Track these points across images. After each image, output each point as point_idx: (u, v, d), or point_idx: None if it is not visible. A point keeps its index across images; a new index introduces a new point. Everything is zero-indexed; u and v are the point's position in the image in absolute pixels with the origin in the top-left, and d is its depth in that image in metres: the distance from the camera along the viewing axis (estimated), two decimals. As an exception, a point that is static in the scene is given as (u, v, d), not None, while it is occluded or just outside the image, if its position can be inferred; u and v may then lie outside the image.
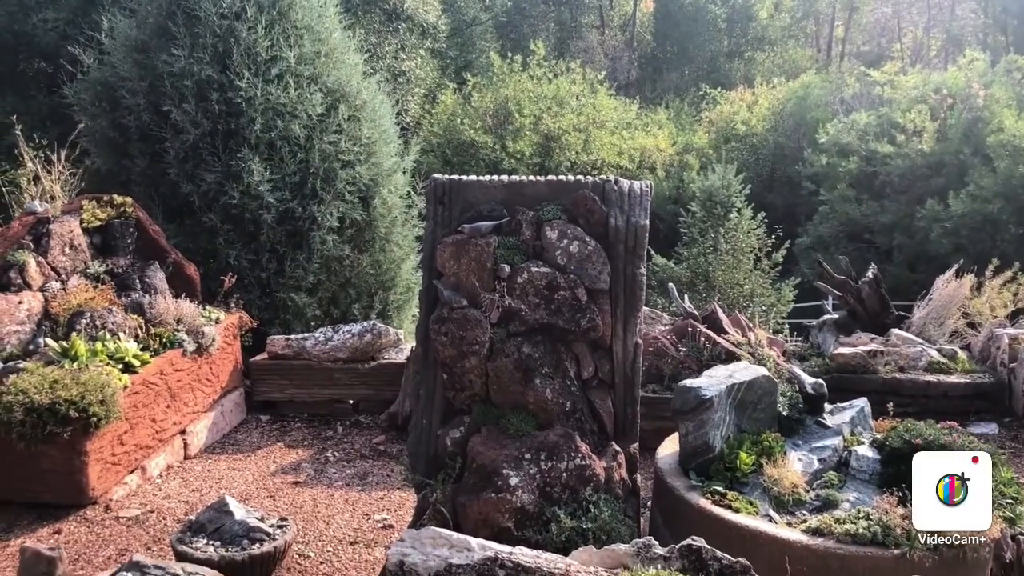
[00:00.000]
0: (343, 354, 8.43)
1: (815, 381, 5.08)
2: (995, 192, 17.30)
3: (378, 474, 7.24)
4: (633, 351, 4.51)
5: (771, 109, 26.11)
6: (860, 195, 20.11)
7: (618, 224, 4.43)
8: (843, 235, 20.39)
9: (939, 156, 19.32)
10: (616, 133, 24.21)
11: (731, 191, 14.90)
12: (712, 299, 12.79)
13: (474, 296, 4.41)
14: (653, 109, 28.42)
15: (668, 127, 26.42)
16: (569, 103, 23.70)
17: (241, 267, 9.05)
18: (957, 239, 17.46)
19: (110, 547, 5.82)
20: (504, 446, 4.25)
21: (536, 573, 3.37)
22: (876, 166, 20.08)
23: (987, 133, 18.53)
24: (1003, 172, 17.44)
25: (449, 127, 23.49)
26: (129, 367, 6.85)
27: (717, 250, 13.74)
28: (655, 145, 24.68)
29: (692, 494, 4.36)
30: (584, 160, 23.33)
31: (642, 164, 24.27)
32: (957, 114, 19.62)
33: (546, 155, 23.45)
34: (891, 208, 19.48)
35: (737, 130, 25.61)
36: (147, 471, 6.93)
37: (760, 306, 13.54)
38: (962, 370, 8.24)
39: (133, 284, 7.74)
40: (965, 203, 17.49)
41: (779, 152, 24.45)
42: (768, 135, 25.07)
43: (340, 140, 9.50)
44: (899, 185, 19.73)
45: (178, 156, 9.04)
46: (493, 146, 23.02)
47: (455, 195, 4.57)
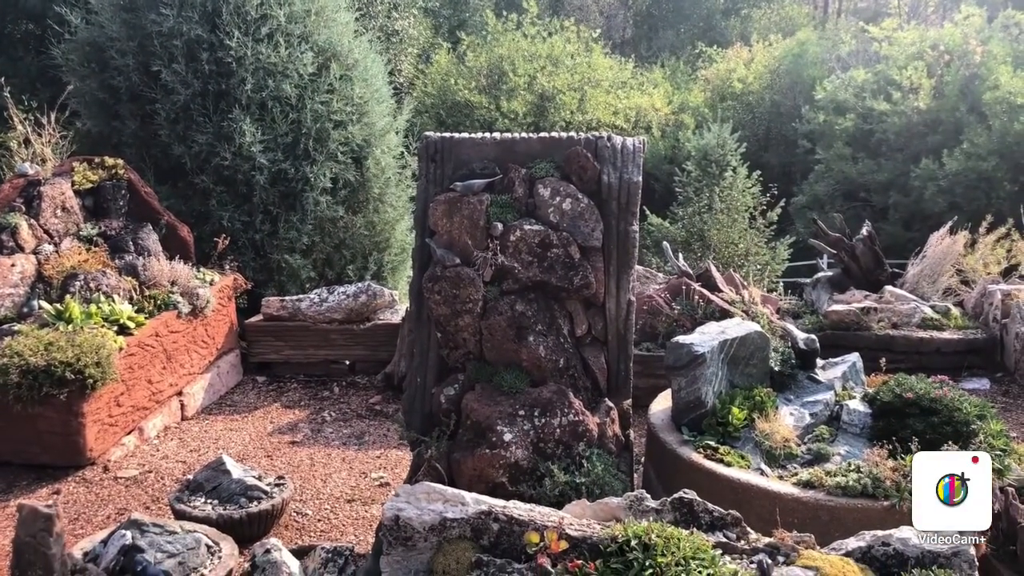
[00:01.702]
0: (338, 315, 8.45)
1: (807, 336, 5.10)
2: (990, 150, 17.22)
3: (374, 433, 7.29)
4: (626, 308, 4.52)
5: (767, 67, 25.86)
6: (856, 153, 20.02)
7: (611, 181, 4.42)
8: (839, 194, 20.31)
9: (935, 113, 19.20)
10: (611, 92, 24.00)
11: (726, 150, 14.81)
12: (707, 258, 12.80)
13: (467, 254, 4.40)
14: (648, 68, 28.14)
15: (664, 86, 26.18)
16: (564, 62, 23.46)
17: (234, 229, 9.03)
18: (952, 197, 17.42)
19: (109, 507, 5.88)
20: (498, 403, 4.27)
21: (530, 526, 3.41)
22: (872, 124, 19.96)
23: (983, 90, 18.40)
24: (998, 129, 17.36)
25: (443, 87, 23.27)
26: (124, 329, 6.86)
27: (712, 209, 13.68)
28: (651, 104, 24.48)
29: (684, 448, 4.40)
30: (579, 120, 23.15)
31: (637, 124, 24.10)
32: (954, 71, 19.47)
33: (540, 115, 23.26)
34: (887, 166, 19.40)
35: (733, 88, 25.39)
36: (144, 432, 6.97)
37: (755, 265, 13.52)
38: (955, 326, 8.29)
39: (126, 246, 7.73)
40: (960, 161, 17.42)
41: (775, 110, 24.27)
42: (764, 93, 24.86)
43: (332, 100, 9.43)
44: (895, 143, 19.63)
45: (169, 117, 8.97)
46: (487, 106, 22.83)
47: (447, 153, 4.55)
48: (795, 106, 23.35)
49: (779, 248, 14.48)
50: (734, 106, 24.40)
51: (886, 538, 3.42)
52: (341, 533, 5.61)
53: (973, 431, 4.20)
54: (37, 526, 3.55)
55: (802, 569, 3.33)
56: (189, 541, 4.64)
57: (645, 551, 3.21)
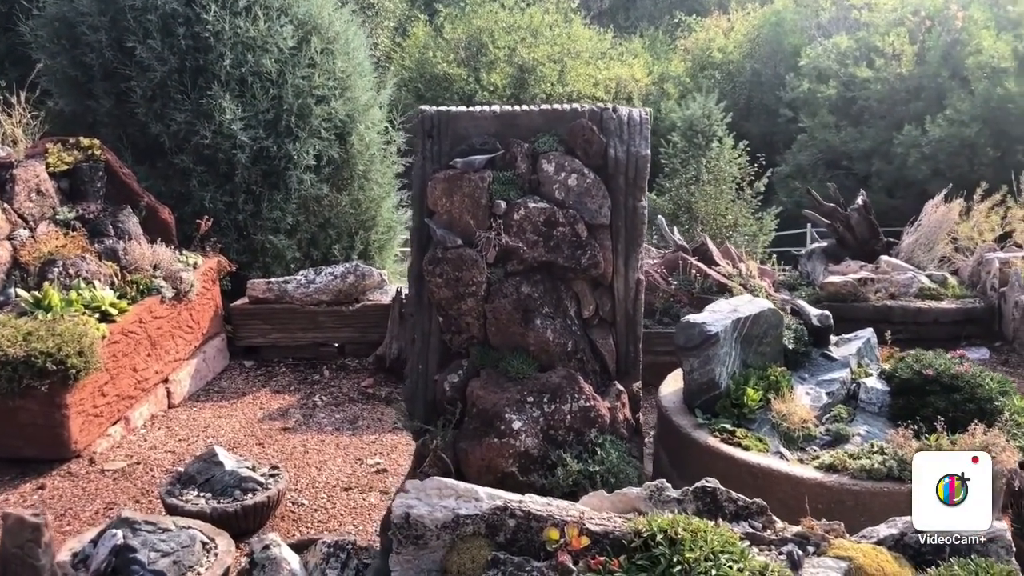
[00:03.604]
0: (326, 296, 8.24)
1: (821, 313, 4.96)
2: (972, 115, 17.16)
3: (368, 417, 7.11)
4: (635, 287, 4.35)
5: (747, 36, 25.65)
6: (839, 121, 19.91)
7: (618, 155, 4.23)
8: (821, 162, 20.21)
9: (918, 80, 19.10)
10: (591, 64, 23.73)
11: (712, 120, 14.65)
12: (695, 230, 12.67)
13: (469, 235, 4.21)
14: (627, 38, 27.84)
15: (643, 56, 25.91)
16: (543, 33, 23.16)
17: (217, 210, 8.75)
18: (935, 164, 17.36)
19: (96, 501, 5.67)
20: (505, 389, 4.10)
21: (548, 521, 3.25)
22: (855, 91, 19.84)
23: (965, 55, 18.30)
24: (981, 94, 17.28)
25: (421, 60, 22.92)
26: (106, 316, 6.62)
27: (699, 180, 13.53)
28: (631, 75, 24.22)
29: (700, 432, 4.25)
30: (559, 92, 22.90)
31: (618, 95, 23.85)
32: (935, 36, 19.35)
33: (520, 87, 22.97)
34: (869, 134, 19.31)
35: (713, 58, 25.16)
36: (131, 422, 6.76)
37: (743, 235, 13.43)
38: (952, 296, 8.20)
39: (106, 230, 7.46)
40: (943, 127, 17.35)
41: (756, 79, 24.08)
42: (745, 62, 24.65)
43: (313, 74, 9.14)
44: (878, 110, 19.54)
45: (145, 95, 8.65)
46: (467, 79, 22.52)
47: (444, 127, 4.33)
48: (776, 75, 23.17)
49: (766, 218, 14.38)
50: (714, 75, 24.18)
51: (919, 524, 3.29)
52: (339, 523, 5.45)
53: (997, 408, 4.08)
54: (24, 536, 3.34)
55: (834, 560, 3.19)
56: (183, 538, 4.45)
57: (672, 546, 3.06)
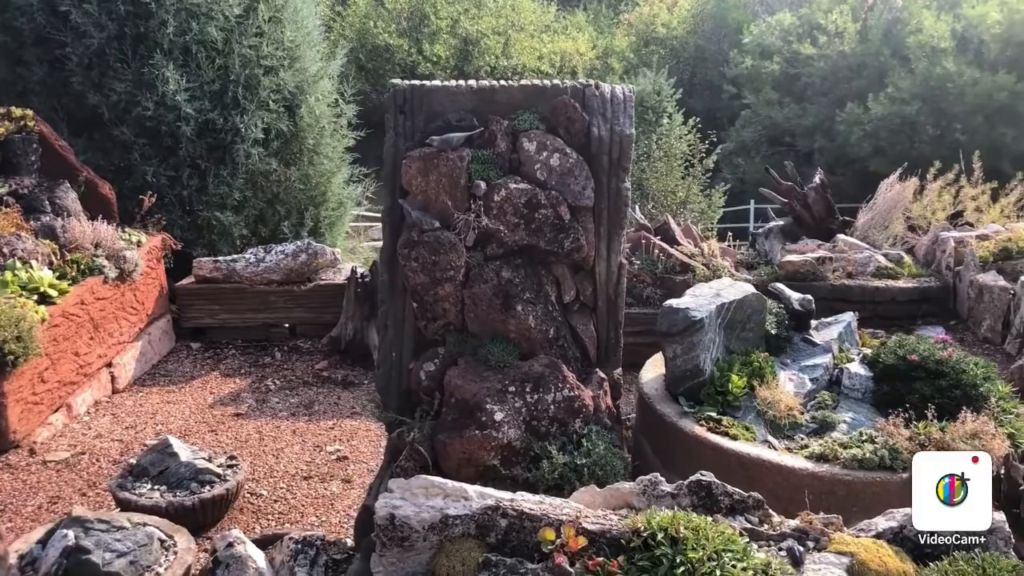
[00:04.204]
0: (277, 276, 7.95)
1: (802, 297, 4.87)
2: (913, 94, 17.37)
3: (324, 402, 6.88)
4: (617, 271, 4.20)
5: (691, 11, 25.66)
6: (783, 98, 20.03)
7: (601, 134, 4.05)
8: (764, 139, 20.34)
9: (860, 58, 19.28)
10: (536, 37, 23.51)
11: (663, 96, 14.53)
12: (647, 207, 12.58)
13: (446, 217, 4.00)
14: (571, 11, 27.65)
15: (587, 30, 25.75)
16: (487, 5, 22.86)
17: (160, 185, 8.36)
18: (877, 141, 17.56)
19: (40, 495, 5.36)
20: (485, 378, 3.92)
21: (542, 521, 3.09)
22: (799, 68, 19.96)
23: (906, 34, 18.51)
24: (921, 73, 17.49)
25: (362, 30, 22.42)
26: (46, 298, 6.27)
27: (650, 157, 13.41)
28: (575, 49, 24.07)
29: (685, 421, 4.13)
30: (504, 65, 22.65)
31: (563, 69, 23.69)
32: (877, 14, 19.54)
33: (464, 59, 22.65)
34: (812, 111, 19.45)
35: (658, 33, 25.13)
36: (73, 409, 6.43)
37: (692, 212, 13.38)
38: (909, 274, 8.25)
39: (42, 206, 7.06)
40: (884, 105, 17.54)
41: (700, 55, 24.11)
42: (689, 38, 24.66)
43: (261, 44, 8.76)
44: (821, 87, 19.69)
45: (82, 63, 8.18)
46: (409, 50, 22.12)
47: (418, 103, 4.10)
48: (720, 51, 23.22)
49: (714, 195, 14.36)
50: (658, 51, 24.14)
51: (918, 517, 3.22)
52: (301, 515, 5.23)
53: (982, 394, 4.04)
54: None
55: (836, 555, 3.10)
56: (140, 537, 4.18)
57: (673, 545, 2.93)
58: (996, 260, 7.80)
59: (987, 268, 7.76)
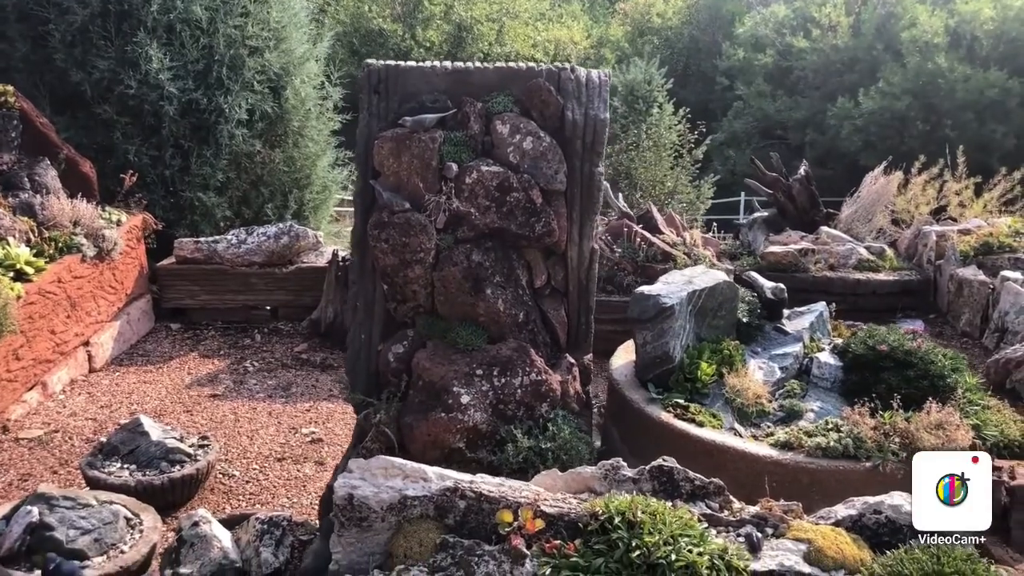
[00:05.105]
0: (258, 258, 7.92)
1: (775, 286, 4.87)
2: (904, 88, 17.39)
3: (302, 384, 6.86)
4: (589, 257, 4.19)
5: (686, 2, 25.61)
6: (775, 91, 20.03)
7: (575, 118, 4.04)
8: (756, 131, 20.35)
9: (853, 52, 19.29)
10: (530, 24, 23.41)
11: (653, 86, 14.52)
12: (635, 196, 12.57)
13: (417, 198, 3.98)
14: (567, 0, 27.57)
15: (582, 19, 25.68)
16: (482, -9, 22.73)
17: (142, 164, 8.31)
18: (867, 136, 17.59)
19: (10, 472, 5.34)
20: (453, 362, 3.91)
21: (501, 503, 3.09)
22: (791, 61, 19.97)
23: (900, 29, 18.52)
24: (912, 68, 17.51)
25: (356, 15, 22.30)
26: (22, 275, 6.22)
27: (639, 147, 13.41)
28: (570, 37, 23.98)
29: (653, 407, 4.13)
30: (497, 52, 22.54)
31: (557, 57, 23.59)
32: (871, 9, 19.55)
33: (458, 46, 22.53)
34: (804, 104, 19.47)
35: (652, 23, 25.08)
36: (48, 387, 6.39)
37: (680, 203, 13.39)
38: (890, 267, 8.26)
39: (21, 183, 7.00)
40: (875, 100, 17.56)
41: (694, 46, 24.08)
42: (683, 28, 24.63)
43: (247, 24, 8.69)
44: (813, 80, 19.70)
45: (64, 40, 8.12)
46: (402, 35, 22.01)
47: (392, 83, 4.08)
48: (714, 42, 23.19)
49: (703, 186, 14.37)
50: (652, 41, 24.10)
51: (877, 505, 3.23)
52: (272, 496, 5.22)
53: (949, 385, 4.04)
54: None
55: (793, 542, 3.11)
56: (106, 515, 4.17)
57: (630, 529, 2.94)
58: (977, 255, 7.81)
59: (967, 262, 7.77)
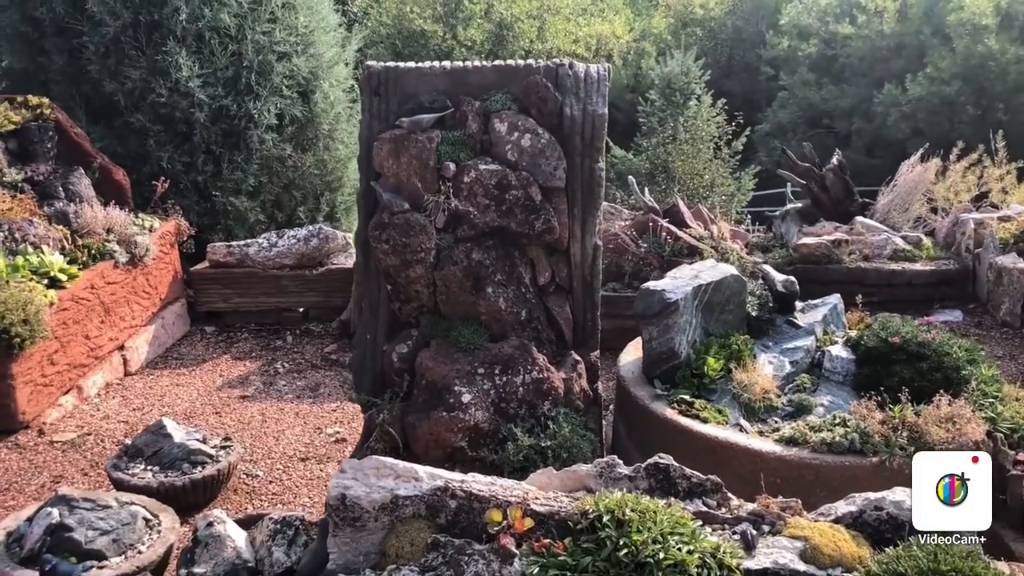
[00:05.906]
0: (289, 260, 8.02)
1: (786, 279, 4.79)
2: (953, 73, 16.94)
3: (330, 384, 6.94)
4: (592, 253, 4.17)
5: (729, -9, 25.28)
6: (820, 79, 19.66)
7: (574, 113, 4.02)
8: (802, 121, 19.98)
9: (899, 37, 18.84)
10: (571, 20, 23.32)
11: (690, 78, 14.34)
12: (672, 190, 12.44)
13: (417, 198, 4.00)
14: (608, -7, 27.40)
15: (624, 13, 25.49)
16: (523, -12, 22.73)
17: (175, 170, 8.47)
18: (915, 123, 17.17)
19: (43, 474, 5.49)
20: (455, 360, 3.93)
21: (491, 502, 3.09)
22: (836, 48, 19.58)
23: (947, 12, 18.03)
24: (962, 52, 17.04)
25: (399, 16, 22.43)
26: (56, 282, 6.39)
27: (676, 139, 13.25)
28: (611, 32, 23.84)
29: (657, 404, 4.10)
30: (539, 48, 22.51)
31: (598, 52, 23.49)
32: (918, -8, 19.08)
33: (499, 44, 22.55)
34: (850, 92, 19.07)
35: (695, 14, 24.79)
36: (84, 391, 6.56)
37: (720, 196, 13.21)
38: (927, 257, 8.07)
39: (56, 192, 7.20)
40: (923, 86, 17.13)
41: (737, 36, 23.75)
42: (727, 19, 24.30)
43: (274, 30, 8.80)
44: (859, 68, 19.28)
45: (98, 51, 8.31)
46: (444, 35, 22.11)
47: (392, 84, 4.11)
48: (758, 32, 22.85)
49: (744, 178, 14.17)
50: (696, 32, 23.83)
51: (879, 501, 3.16)
52: (294, 495, 5.28)
53: (964, 377, 3.94)
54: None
55: (789, 539, 3.06)
56: (124, 515, 4.26)
57: (619, 527, 2.91)
58: (1017, 242, 7.56)
59: (1007, 250, 7.53)
